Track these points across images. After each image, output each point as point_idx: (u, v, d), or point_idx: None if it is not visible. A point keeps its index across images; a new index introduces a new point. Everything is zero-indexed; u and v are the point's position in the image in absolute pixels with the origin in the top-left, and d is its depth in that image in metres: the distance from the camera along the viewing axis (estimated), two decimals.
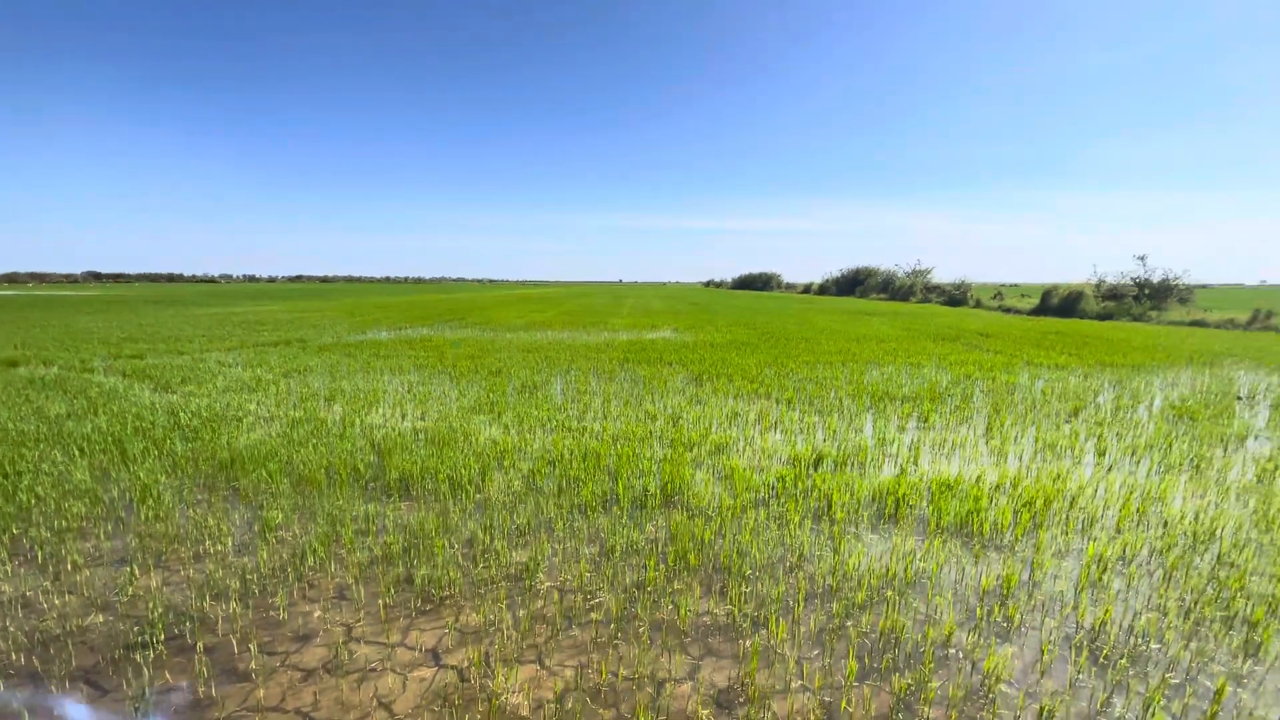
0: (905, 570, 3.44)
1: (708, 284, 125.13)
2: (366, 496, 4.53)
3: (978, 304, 33.15)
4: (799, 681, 2.54)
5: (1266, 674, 2.63)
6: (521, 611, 3.05)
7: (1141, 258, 27.58)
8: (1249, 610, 3.07)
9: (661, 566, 3.49)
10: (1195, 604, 3.13)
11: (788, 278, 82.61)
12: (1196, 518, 4.14)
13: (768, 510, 4.28)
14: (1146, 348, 13.82)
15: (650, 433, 6.18)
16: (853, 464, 5.27)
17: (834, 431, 6.31)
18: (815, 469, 5.14)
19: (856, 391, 8.36)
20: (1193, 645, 2.82)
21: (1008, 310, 29.54)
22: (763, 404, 7.62)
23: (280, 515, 4.11)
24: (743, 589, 3.25)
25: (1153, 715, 2.35)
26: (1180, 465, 5.25)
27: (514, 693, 2.47)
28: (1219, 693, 2.47)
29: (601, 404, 7.53)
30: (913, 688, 2.48)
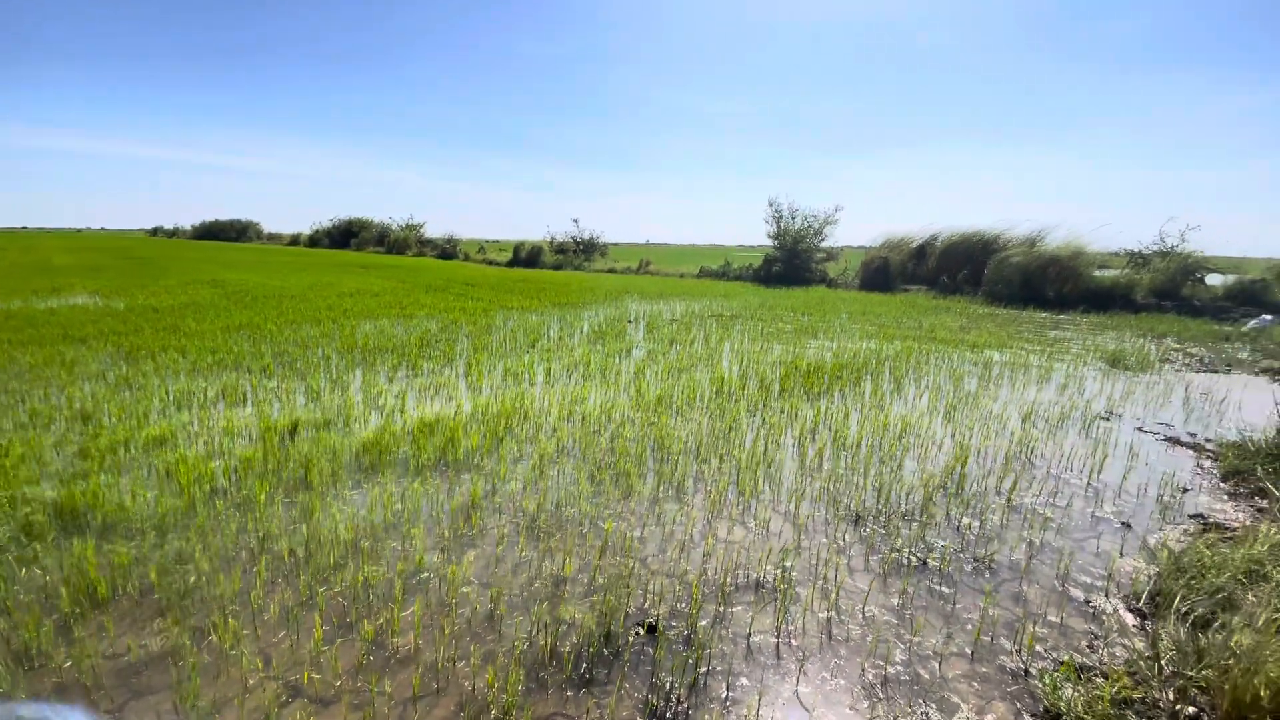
0: (384, 515, 3.51)
1: (155, 232, 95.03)
2: None
3: (466, 257, 36.34)
4: (258, 676, 2.28)
5: (634, 506, 3.82)
6: None
7: (575, 220, 35.41)
8: (625, 466, 4.38)
9: (50, 619, 2.54)
10: (598, 470, 4.28)
11: (270, 227, 70.70)
12: (602, 409, 5.63)
13: (226, 500, 3.65)
14: (582, 289, 17.92)
15: (38, 442, 4.38)
16: (337, 424, 5.01)
17: (317, 394, 5.85)
18: (292, 439, 4.66)
19: (347, 348, 7.96)
20: (595, 500, 3.85)
21: (490, 262, 33.43)
22: (229, 376, 6.41)
23: None
24: (184, 602, 2.69)
25: (566, 563, 3.11)
26: (594, 374, 7.05)
27: None
28: (607, 530, 3.46)
29: None
30: (383, 625, 2.57)
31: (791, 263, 23.45)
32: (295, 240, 56.79)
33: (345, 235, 49.22)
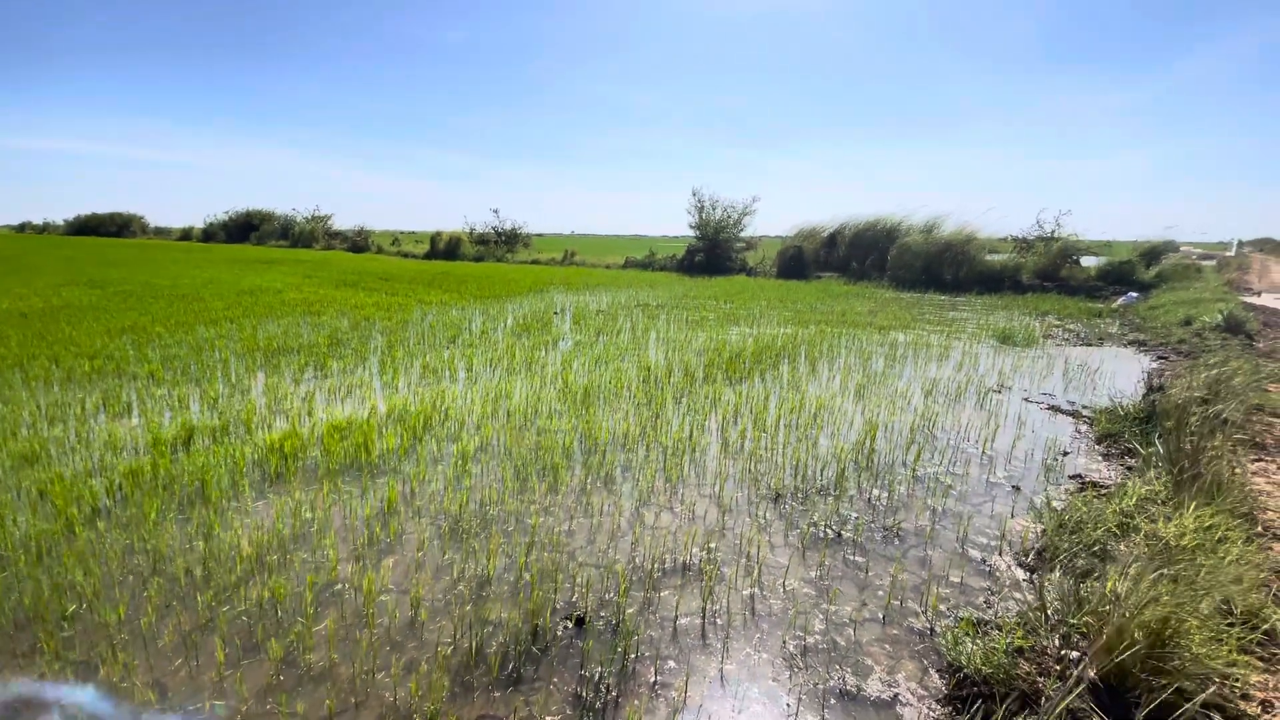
0: (293, 526, 3.30)
1: (22, 228, 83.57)
2: None
3: (379, 250, 34.62)
4: (152, 711, 2.09)
5: (562, 499, 3.78)
6: None
7: (495, 211, 34.51)
8: (553, 460, 4.33)
9: None
10: (524, 466, 4.21)
11: (157, 221, 64.15)
12: (528, 403, 5.54)
13: (110, 519, 3.32)
14: (506, 282, 17.52)
15: None
16: (236, 431, 4.66)
17: (214, 400, 5.42)
18: (186, 449, 4.30)
19: (247, 350, 7.41)
20: (521, 496, 3.79)
21: (405, 255, 32.04)
22: (111, 385, 5.82)
23: None
24: (65, 634, 2.43)
25: (491, 563, 3.04)
26: (519, 367, 6.93)
27: None
28: (533, 526, 3.41)
29: None
30: (294, 643, 2.42)
31: (713, 252, 23.91)
32: (187, 235, 51.98)
33: (244, 229, 45.60)
